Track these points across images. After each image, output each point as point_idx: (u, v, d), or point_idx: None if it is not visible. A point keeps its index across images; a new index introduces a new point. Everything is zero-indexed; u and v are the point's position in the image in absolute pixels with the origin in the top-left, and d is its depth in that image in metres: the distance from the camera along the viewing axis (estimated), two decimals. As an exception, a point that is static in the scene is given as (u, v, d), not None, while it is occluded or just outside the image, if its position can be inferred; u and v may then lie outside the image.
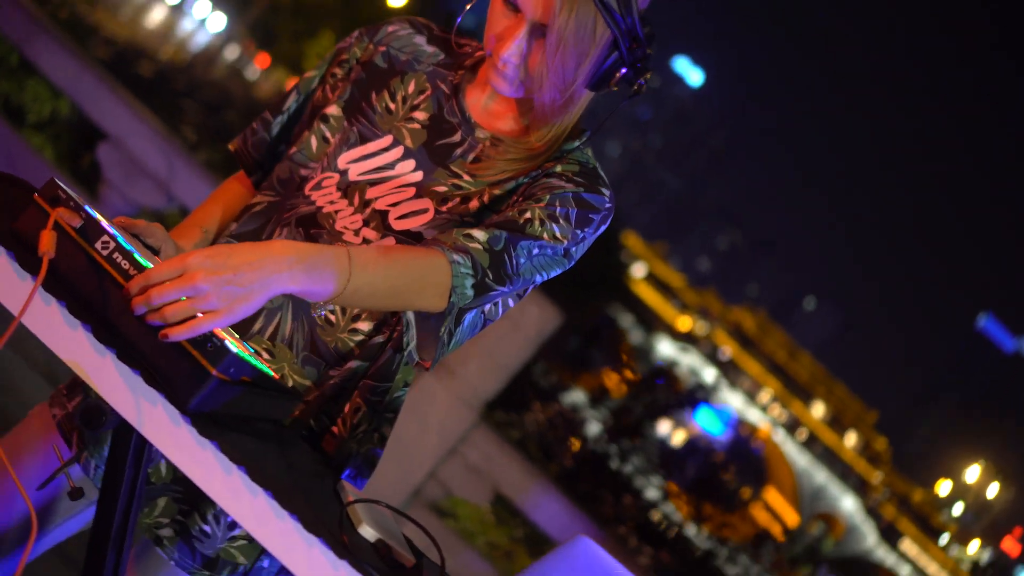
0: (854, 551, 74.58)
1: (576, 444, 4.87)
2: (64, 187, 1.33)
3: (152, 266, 1.29)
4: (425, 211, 1.62)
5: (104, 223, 1.33)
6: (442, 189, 1.64)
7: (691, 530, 5.85)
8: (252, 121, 1.81)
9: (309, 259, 1.35)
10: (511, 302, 1.67)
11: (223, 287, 1.28)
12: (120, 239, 1.31)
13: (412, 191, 1.63)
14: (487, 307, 1.62)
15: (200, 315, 1.26)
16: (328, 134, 1.69)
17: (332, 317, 1.62)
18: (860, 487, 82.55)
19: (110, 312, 1.29)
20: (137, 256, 1.30)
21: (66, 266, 1.29)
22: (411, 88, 1.69)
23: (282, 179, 1.70)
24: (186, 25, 49.13)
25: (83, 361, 1.29)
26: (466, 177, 1.64)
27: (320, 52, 45.56)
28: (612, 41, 1.56)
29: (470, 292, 1.53)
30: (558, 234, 1.59)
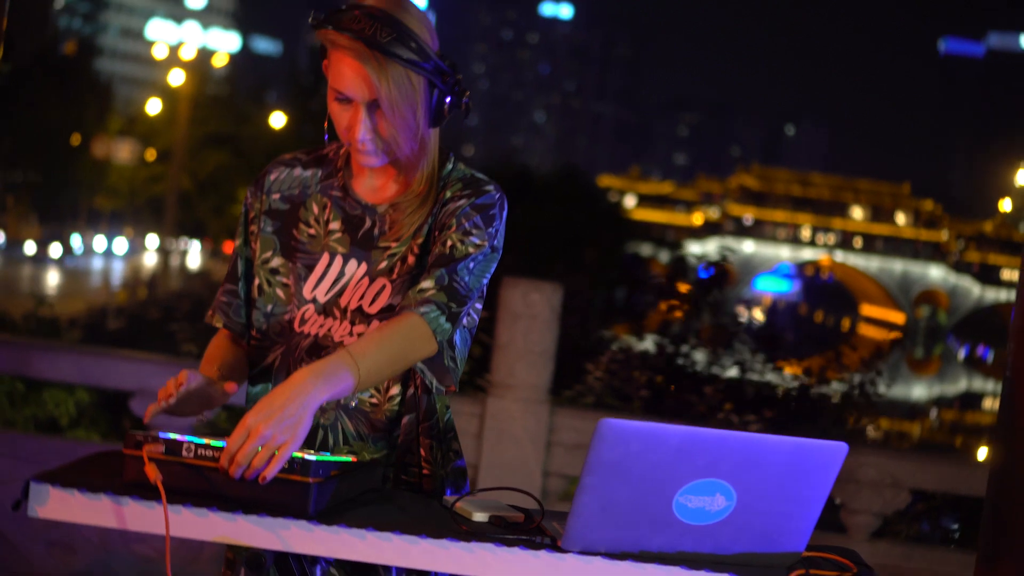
0: (966, 308, 74.45)
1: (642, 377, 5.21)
2: (137, 432, 1.75)
3: (225, 443, 1.71)
4: (384, 287, 2.03)
5: (178, 437, 1.75)
6: (384, 264, 2.04)
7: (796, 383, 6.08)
8: (217, 296, 2.16)
9: (323, 372, 1.78)
10: (478, 306, 2.08)
11: (279, 425, 1.70)
12: (194, 440, 1.73)
13: (367, 281, 2.03)
14: (464, 320, 2.02)
15: (276, 452, 1.68)
16: (284, 279, 2.09)
17: (374, 400, 2.03)
18: (936, 253, 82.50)
19: (220, 488, 1.71)
20: (213, 443, 1.72)
21: (173, 480, 1.71)
22: (315, 210, 2.09)
23: (277, 332, 2.09)
24: (95, 264, 49.55)
25: (225, 531, 1.71)
26: (393, 245, 2.04)
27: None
28: (428, 83, 1.97)
29: (447, 325, 1.95)
30: (477, 242, 2.00)
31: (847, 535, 4.26)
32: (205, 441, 1.74)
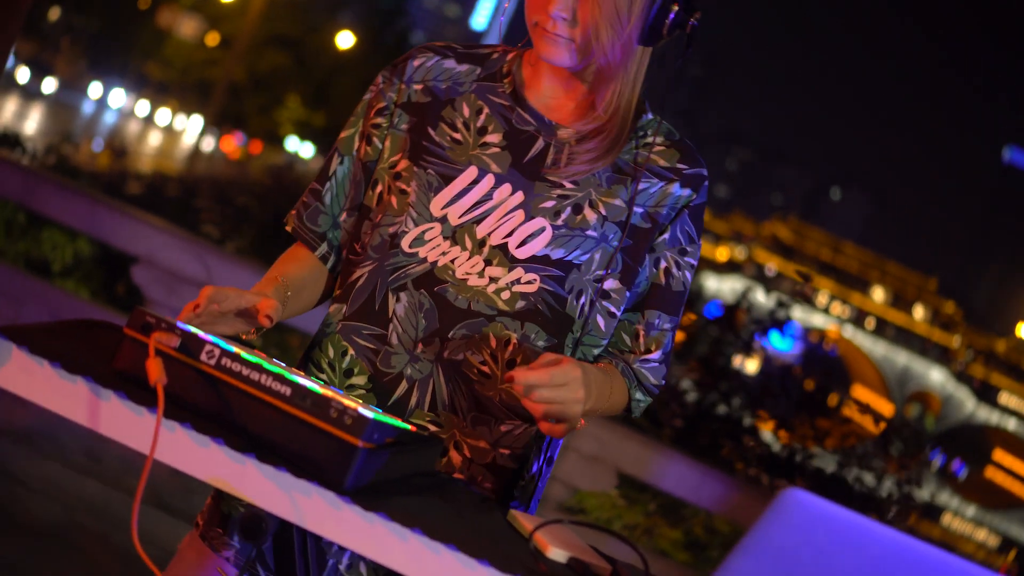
0: (955, 420, 73.91)
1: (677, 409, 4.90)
2: (150, 312, 1.29)
3: (265, 361, 1.26)
4: (542, 230, 1.57)
5: (201, 333, 1.29)
6: (550, 204, 1.57)
7: (808, 451, 5.78)
8: (302, 196, 1.73)
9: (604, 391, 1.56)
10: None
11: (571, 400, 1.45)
12: (221, 344, 1.27)
13: (521, 214, 1.57)
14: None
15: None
16: (403, 186, 1.61)
17: (486, 369, 1.57)
18: (943, 356, 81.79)
19: (236, 418, 1.25)
20: (245, 356, 1.26)
21: (179, 387, 1.25)
22: (466, 112, 1.62)
23: (375, 245, 1.61)
24: (153, 138, 49.27)
25: (225, 475, 1.25)
26: (568, 185, 1.58)
27: (290, 116, 45.27)
28: None
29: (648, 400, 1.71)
30: (692, 263, 1.66)
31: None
32: (235, 349, 1.28)
